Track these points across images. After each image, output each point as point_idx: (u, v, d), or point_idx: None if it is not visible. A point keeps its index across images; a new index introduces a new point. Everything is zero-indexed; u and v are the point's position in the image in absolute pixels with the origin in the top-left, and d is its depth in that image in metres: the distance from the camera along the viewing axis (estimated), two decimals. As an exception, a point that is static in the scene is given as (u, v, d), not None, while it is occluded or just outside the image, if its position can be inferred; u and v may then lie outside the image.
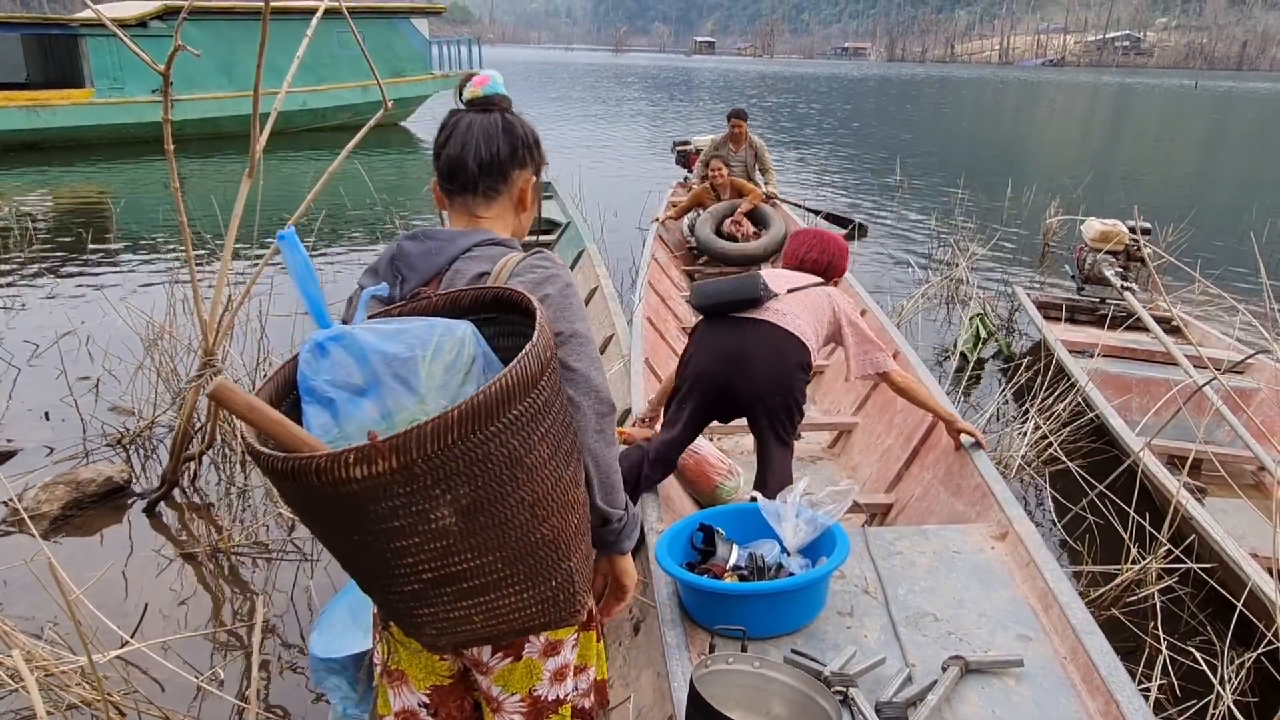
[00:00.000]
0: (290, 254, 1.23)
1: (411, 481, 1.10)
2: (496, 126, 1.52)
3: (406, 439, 1.07)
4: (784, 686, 1.82)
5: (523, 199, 1.57)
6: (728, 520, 2.39)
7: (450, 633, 1.29)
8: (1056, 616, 2.15)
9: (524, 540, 1.22)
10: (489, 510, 1.17)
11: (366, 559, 1.21)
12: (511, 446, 1.15)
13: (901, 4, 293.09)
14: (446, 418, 1.09)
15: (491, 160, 1.51)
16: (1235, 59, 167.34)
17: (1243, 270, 8.35)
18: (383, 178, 12.72)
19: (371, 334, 1.21)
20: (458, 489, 1.13)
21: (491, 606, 1.26)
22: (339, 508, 1.13)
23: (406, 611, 1.27)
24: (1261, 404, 4.44)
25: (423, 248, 1.46)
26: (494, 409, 1.11)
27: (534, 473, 1.19)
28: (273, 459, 1.10)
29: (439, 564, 1.19)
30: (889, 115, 30.62)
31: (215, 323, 3.56)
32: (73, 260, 7.78)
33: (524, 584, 1.25)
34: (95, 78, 15.04)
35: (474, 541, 1.18)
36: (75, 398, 4.48)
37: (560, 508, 1.26)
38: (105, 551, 3.44)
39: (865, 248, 9.11)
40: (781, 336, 2.72)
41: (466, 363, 1.24)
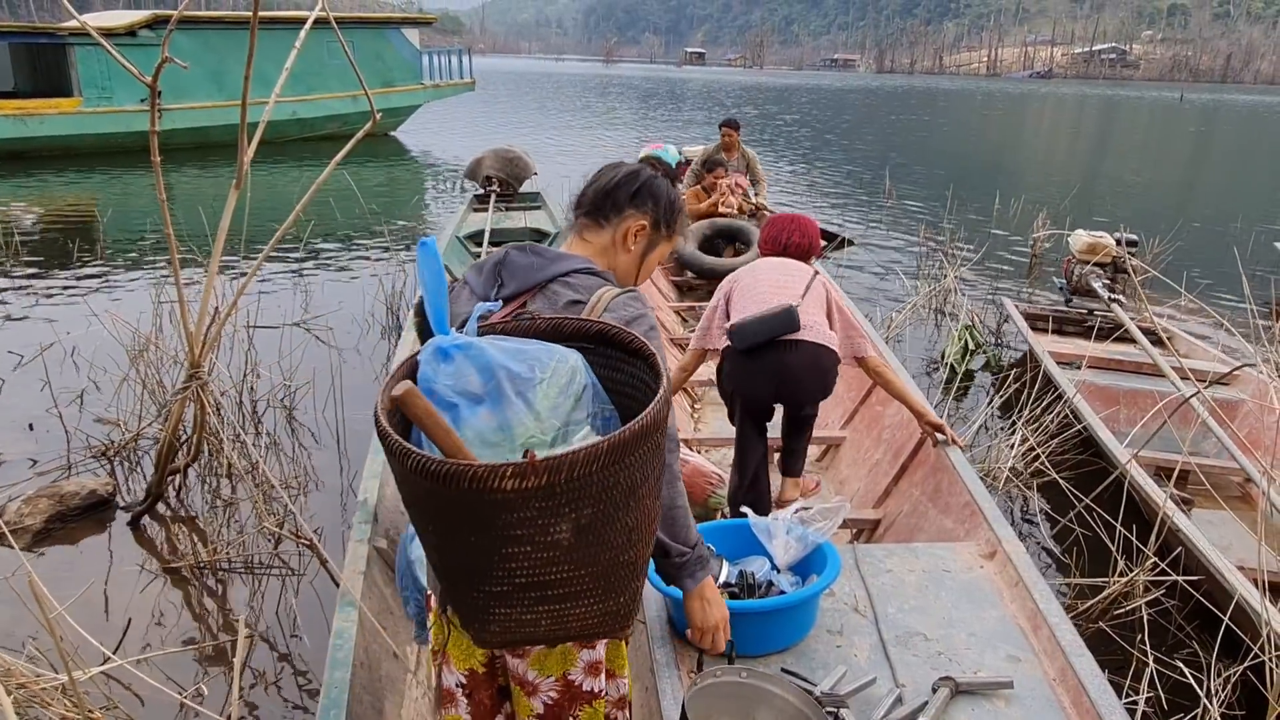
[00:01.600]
0: (426, 263, 1.35)
1: (550, 499, 1.21)
2: (636, 172, 1.70)
3: (561, 462, 1.18)
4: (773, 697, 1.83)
5: (626, 237, 1.70)
6: (717, 536, 2.37)
7: (512, 632, 1.39)
8: (1046, 638, 2.15)
9: (614, 560, 1.34)
10: (599, 531, 1.29)
11: (471, 557, 1.30)
12: (635, 478, 1.28)
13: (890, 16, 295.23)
14: (599, 447, 1.20)
15: (612, 189, 1.68)
16: (1220, 71, 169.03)
17: (1228, 282, 8.41)
18: (373, 188, 12.69)
19: (497, 351, 1.32)
20: (583, 509, 1.24)
21: (562, 614, 1.37)
22: (471, 512, 1.23)
23: (483, 608, 1.36)
24: (1247, 416, 4.46)
25: (527, 261, 1.59)
26: (633, 444, 1.23)
27: (641, 502, 1.32)
28: (425, 461, 1.20)
29: (538, 572, 1.30)
30: (877, 126, 30.79)
31: (201, 334, 3.53)
32: (59, 270, 7.73)
33: (598, 598, 1.37)
34: (83, 87, 14.98)
35: (577, 556, 1.29)
36: (59, 409, 4.44)
37: (646, 537, 1.40)
38: (88, 566, 3.41)
39: (854, 259, 9.14)
40: (818, 350, 2.98)
41: (578, 390, 1.37)
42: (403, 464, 1.25)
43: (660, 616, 2.23)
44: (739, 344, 3.00)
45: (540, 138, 20.80)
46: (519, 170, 8.51)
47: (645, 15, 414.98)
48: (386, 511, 3.02)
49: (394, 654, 2.48)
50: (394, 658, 2.49)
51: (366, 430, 3.80)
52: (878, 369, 3.17)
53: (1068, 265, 6.12)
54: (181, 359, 4.05)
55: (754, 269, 3.26)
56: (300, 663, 2.91)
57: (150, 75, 3.10)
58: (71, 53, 14.84)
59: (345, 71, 16.81)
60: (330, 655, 2.23)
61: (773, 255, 3.32)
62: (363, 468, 3.22)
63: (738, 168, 7.58)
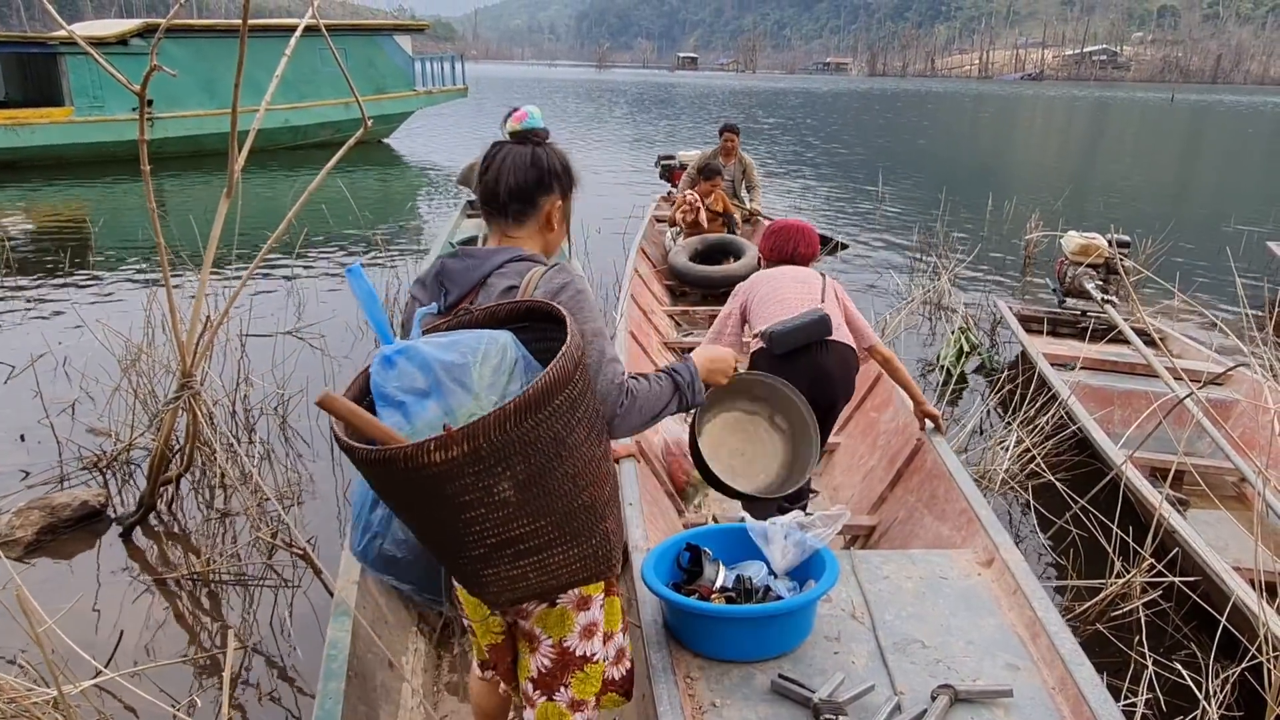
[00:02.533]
0: (357, 285, 1.50)
1: (479, 462, 1.35)
2: (526, 159, 1.73)
3: (475, 428, 1.32)
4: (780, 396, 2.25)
5: (549, 220, 1.79)
6: (714, 540, 2.36)
7: (509, 590, 1.54)
8: (1045, 646, 2.14)
9: (568, 506, 1.48)
10: (540, 482, 1.42)
11: (441, 530, 1.46)
12: (556, 429, 1.40)
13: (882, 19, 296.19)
14: (505, 409, 1.34)
15: (519, 188, 1.73)
16: (1210, 72, 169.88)
17: (1221, 283, 8.43)
18: (366, 195, 12.68)
19: (430, 346, 1.46)
20: (515, 466, 1.38)
21: (544, 564, 1.51)
22: (419, 488, 1.38)
23: (474, 573, 1.52)
24: (1241, 416, 4.47)
25: (463, 264, 1.73)
26: (541, 400, 1.36)
27: (574, 450, 1.45)
28: (366, 451, 1.36)
29: (501, 530, 1.44)
30: (870, 129, 30.86)
31: (193, 343, 3.52)
32: (50, 280, 7.70)
33: (569, 543, 1.51)
34: (74, 96, 14.94)
35: (529, 509, 1.43)
36: (51, 420, 4.42)
37: (595, 479, 1.52)
38: (80, 578, 3.38)
39: (848, 262, 9.14)
40: (844, 350, 3.17)
41: (510, 365, 1.49)
42: (354, 458, 1.40)
43: (656, 621, 2.22)
44: (777, 349, 3.11)
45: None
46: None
47: (638, 21, 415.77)
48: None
49: (389, 664, 2.46)
50: (389, 667, 2.47)
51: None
52: (887, 356, 3.33)
53: (1060, 266, 6.13)
54: (174, 368, 4.04)
55: (770, 277, 3.36)
56: (295, 673, 2.89)
57: (139, 84, 3.09)
58: (63, 62, 14.80)
59: (337, 79, 16.80)
60: (324, 665, 2.22)
61: (778, 263, 3.45)
62: (357, 476, 3.20)
63: (734, 174, 7.58)
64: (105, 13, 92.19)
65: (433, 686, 2.67)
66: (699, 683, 2.05)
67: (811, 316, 3.09)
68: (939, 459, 3.18)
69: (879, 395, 4.03)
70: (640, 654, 2.21)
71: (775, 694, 2.00)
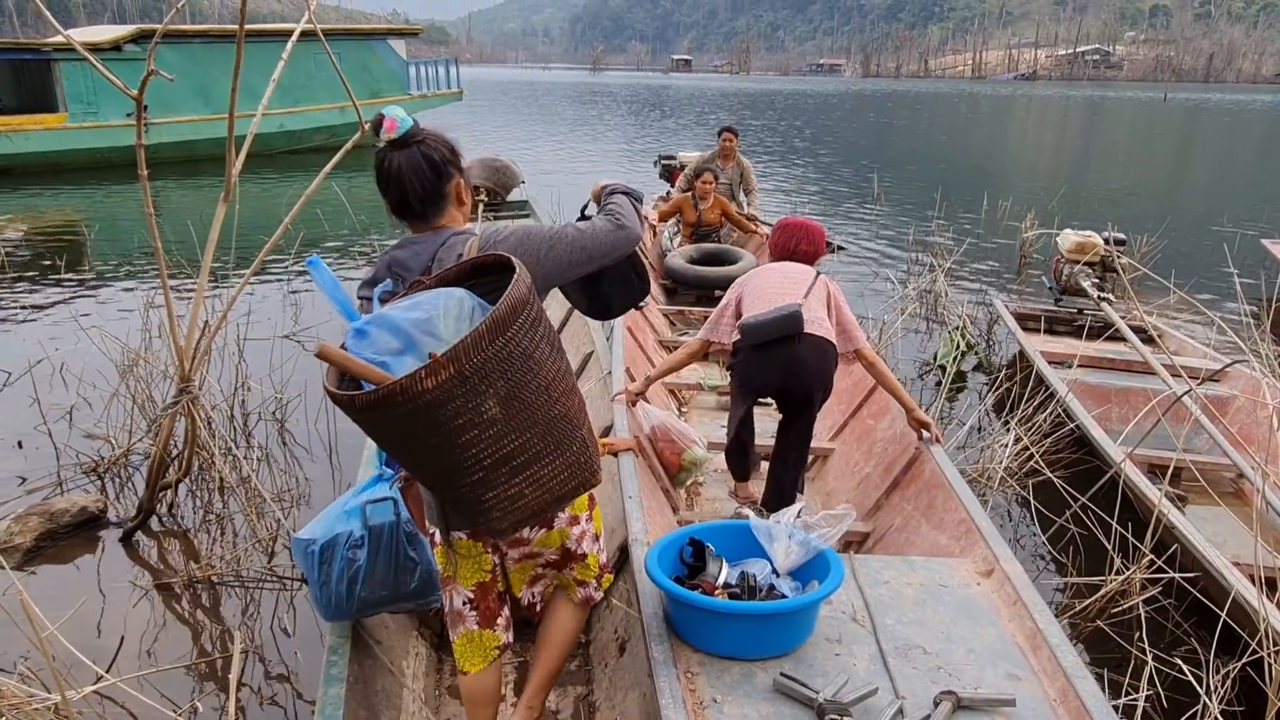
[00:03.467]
0: (317, 275, 1.67)
1: (465, 382, 1.52)
2: (419, 162, 1.85)
3: (456, 350, 1.50)
4: None
5: (459, 197, 1.96)
6: (718, 536, 2.36)
7: (510, 511, 1.68)
8: (1046, 657, 2.14)
9: (547, 416, 1.64)
10: (519, 396, 1.59)
11: (440, 459, 1.60)
12: (524, 345, 1.58)
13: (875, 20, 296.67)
14: (478, 330, 1.51)
15: (426, 192, 1.88)
16: (1202, 71, 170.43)
17: (1217, 280, 8.46)
18: (362, 199, 12.66)
19: (396, 310, 1.64)
20: (496, 383, 1.55)
21: (537, 477, 1.67)
22: (417, 420, 1.52)
23: (476, 500, 1.66)
24: (1238, 412, 4.48)
25: (410, 252, 1.90)
26: (506, 319, 1.55)
27: (541, 364, 1.62)
28: (364, 394, 1.51)
29: (494, 448, 1.60)
30: (865, 130, 30.91)
31: (191, 348, 3.51)
32: (46, 286, 7.68)
33: (555, 453, 1.68)
34: (69, 102, 14.92)
35: (514, 424, 1.60)
36: (49, 426, 4.40)
37: (565, 390, 1.69)
38: (80, 584, 3.37)
39: (844, 262, 9.16)
40: (821, 343, 3.23)
41: (468, 312, 1.68)
42: (354, 407, 1.54)
43: (657, 614, 2.22)
44: (750, 340, 3.23)
45: (527, 146, 20.79)
46: (507, 179, 8.51)
47: (631, 23, 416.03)
48: (381, 523, 3.00)
49: (389, 669, 2.46)
50: (389, 673, 2.47)
51: (359, 442, 3.78)
52: (872, 361, 3.37)
53: (1056, 265, 6.14)
54: (171, 373, 4.03)
55: (764, 272, 3.49)
56: (295, 678, 2.88)
57: (136, 89, 3.08)
58: (56, 68, 14.78)
59: (332, 83, 16.79)
60: (325, 670, 2.22)
61: (781, 258, 3.58)
62: (355, 479, 3.20)
63: (733, 177, 7.57)
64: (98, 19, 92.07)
65: (434, 691, 2.66)
66: (699, 678, 2.05)
67: (783, 312, 3.20)
68: (937, 468, 3.18)
69: (875, 403, 4.03)
70: (641, 646, 2.21)
71: (777, 693, 2.00)
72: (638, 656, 2.44)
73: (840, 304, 3.39)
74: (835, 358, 3.27)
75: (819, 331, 3.21)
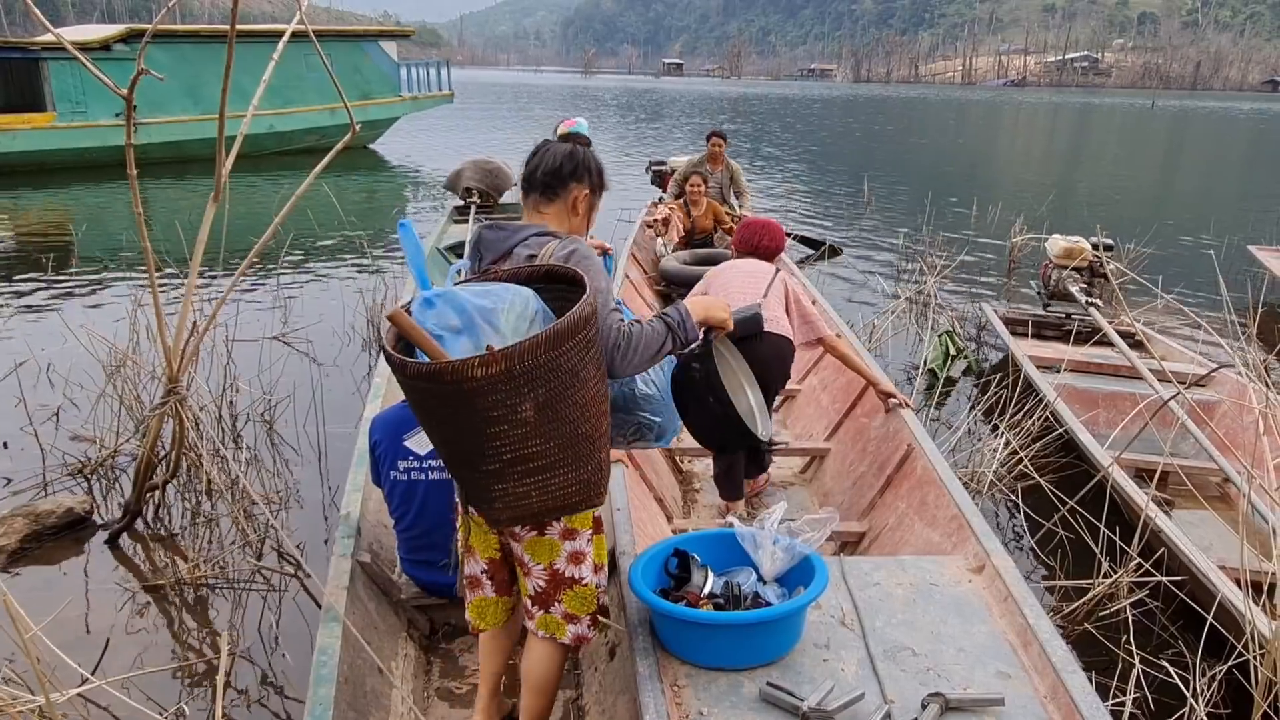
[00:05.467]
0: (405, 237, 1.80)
1: (511, 381, 1.62)
2: (565, 151, 2.08)
3: (513, 350, 1.60)
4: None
5: (575, 205, 2.10)
6: (703, 546, 2.35)
7: (512, 507, 1.79)
8: (1036, 654, 2.14)
9: (574, 432, 1.74)
10: (555, 407, 1.69)
11: (465, 440, 1.73)
12: (574, 362, 1.68)
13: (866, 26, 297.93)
14: (539, 337, 1.62)
15: (554, 171, 2.06)
16: (1190, 78, 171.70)
17: (1204, 285, 8.51)
18: (352, 201, 12.64)
19: (466, 292, 1.75)
20: (538, 389, 1.65)
21: (547, 485, 1.76)
22: (457, 401, 1.65)
23: (485, 488, 1.78)
24: (1224, 416, 4.51)
25: (496, 235, 2.07)
26: (565, 334, 1.65)
27: (585, 383, 1.73)
28: (418, 365, 1.64)
29: (517, 447, 1.70)
30: (855, 136, 31.01)
31: (179, 349, 3.49)
32: (33, 287, 7.63)
33: (570, 468, 1.77)
34: (57, 101, 14.83)
35: (543, 430, 1.70)
36: (35, 427, 4.37)
37: (597, 413, 1.80)
38: (65, 585, 3.35)
39: (836, 267, 9.18)
40: (778, 339, 3.39)
41: (531, 314, 1.79)
42: (404, 373, 1.66)
43: (643, 628, 2.21)
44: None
45: (519, 148, 20.78)
46: (499, 182, 8.50)
47: (623, 27, 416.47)
48: (369, 526, 2.99)
49: (379, 669, 2.45)
50: (379, 673, 2.46)
51: (348, 444, 3.76)
52: (834, 345, 3.63)
53: (1045, 270, 6.17)
54: (159, 374, 4.01)
55: (726, 270, 3.67)
56: (284, 680, 2.87)
57: (125, 89, 3.07)
58: (45, 67, 14.69)
59: (323, 84, 16.76)
60: (314, 671, 2.20)
61: (745, 254, 3.80)
62: (345, 482, 3.19)
63: (722, 180, 7.59)
64: (88, 18, 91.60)
65: (423, 692, 2.65)
66: (686, 690, 2.04)
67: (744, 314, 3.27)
68: (929, 465, 3.19)
69: (868, 401, 4.03)
70: (628, 660, 2.20)
71: (764, 702, 1.99)
72: (627, 661, 2.44)
73: (799, 298, 3.58)
74: (792, 352, 3.47)
75: (777, 329, 3.41)
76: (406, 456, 2.69)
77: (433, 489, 2.68)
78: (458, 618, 2.92)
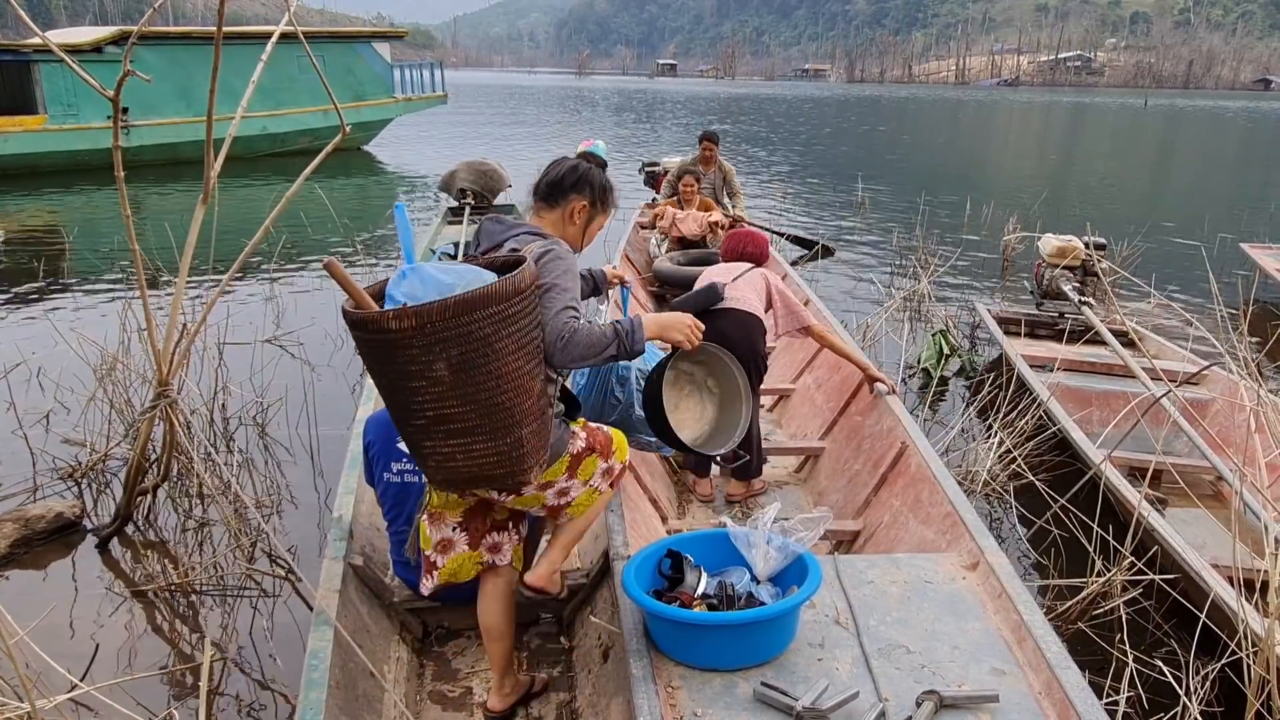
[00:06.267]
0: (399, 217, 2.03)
1: (424, 337, 1.79)
2: (570, 166, 2.32)
3: (422, 309, 1.78)
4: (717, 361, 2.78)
5: (572, 215, 2.32)
6: (696, 546, 2.35)
7: (444, 468, 1.98)
8: (1031, 650, 2.14)
9: (490, 400, 1.88)
10: (469, 371, 1.84)
11: (397, 395, 1.91)
12: (486, 332, 1.83)
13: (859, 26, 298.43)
14: (447, 301, 1.78)
15: (556, 182, 2.30)
16: (1182, 78, 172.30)
17: (1196, 284, 8.53)
18: (345, 202, 12.60)
19: (435, 269, 1.92)
20: (450, 350, 1.81)
21: (469, 449, 1.92)
22: (381, 350, 1.85)
23: (418, 445, 1.97)
24: (1217, 415, 4.51)
25: (495, 227, 2.31)
26: (476, 303, 1.80)
27: (500, 356, 1.86)
28: (351, 313, 1.83)
29: (436, 406, 1.87)
30: (850, 136, 31.04)
31: (170, 352, 3.48)
32: (24, 290, 7.59)
33: (489, 436, 1.92)
34: (48, 104, 14.78)
35: (458, 392, 1.85)
36: (25, 431, 4.35)
37: (516, 388, 1.91)
38: (54, 590, 3.33)
39: (830, 267, 9.18)
40: (744, 316, 3.54)
41: None
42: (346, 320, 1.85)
43: (636, 630, 2.20)
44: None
45: (512, 149, 20.76)
46: (493, 183, 8.47)
47: (617, 28, 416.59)
48: (362, 528, 2.98)
49: (370, 672, 2.44)
50: (371, 676, 2.44)
51: (341, 446, 3.75)
52: (820, 333, 3.77)
53: (1038, 269, 6.18)
54: (150, 377, 3.99)
55: (711, 271, 3.96)
56: (275, 684, 2.85)
57: (112, 90, 3.05)
58: (36, 70, 14.64)
59: (316, 86, 16.71)
60: (305, 675, 2.19)
61: (731, 260, 4.01)
62: (337, 484, 3.18)
63: (714, 180, 7.58)
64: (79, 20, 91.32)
65: (415, 695, 2.64)
66: (680, 692, 2.03)
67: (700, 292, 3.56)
68: (923, 462, 3.18)
69: (863, 399, 4.03)
70: (621, 662, 2.19)
71: (758, 702, 1.98)
72: (621, 663, 2.43)
73: (781, 291, 3.76)
74: (759, 330, 3.57)
75: (742, 306, 3.56)
76: (400, 458, 2.68)
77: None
78: (451, 620, 2.92)
